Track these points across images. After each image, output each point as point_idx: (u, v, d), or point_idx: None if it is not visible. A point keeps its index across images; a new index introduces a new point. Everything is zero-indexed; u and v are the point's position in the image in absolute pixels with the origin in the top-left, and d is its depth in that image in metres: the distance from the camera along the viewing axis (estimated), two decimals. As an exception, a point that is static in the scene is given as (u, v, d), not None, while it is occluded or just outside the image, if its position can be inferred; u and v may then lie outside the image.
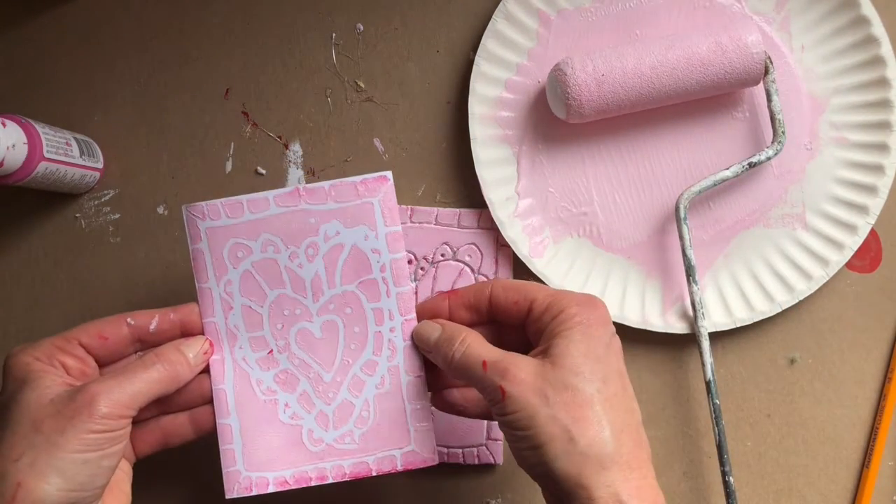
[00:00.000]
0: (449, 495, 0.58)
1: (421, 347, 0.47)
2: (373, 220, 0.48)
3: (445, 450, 0.57)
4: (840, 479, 0.58)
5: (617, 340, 0.44)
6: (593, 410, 0.40)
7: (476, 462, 0.57)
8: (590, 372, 0.41)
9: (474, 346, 0.44)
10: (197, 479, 0.58)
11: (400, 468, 0.48)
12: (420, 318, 0.48)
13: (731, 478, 0.55)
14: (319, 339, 0.48)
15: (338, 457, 0.48)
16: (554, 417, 0.40)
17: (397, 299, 0.48)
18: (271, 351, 0.48)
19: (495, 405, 0.42)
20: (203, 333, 0.48)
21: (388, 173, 0.48)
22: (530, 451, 0.41)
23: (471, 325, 0.47)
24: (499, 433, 0.57)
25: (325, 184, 0.47)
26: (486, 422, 0.57)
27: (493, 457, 0.57)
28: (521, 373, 0.41)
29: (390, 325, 0.48)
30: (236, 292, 0.48)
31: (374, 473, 0.48)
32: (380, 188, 0.48)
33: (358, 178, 0.48)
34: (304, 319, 0.48)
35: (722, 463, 0.55)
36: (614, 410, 0.41)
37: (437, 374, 0.48)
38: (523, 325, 0.45)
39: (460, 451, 0.57)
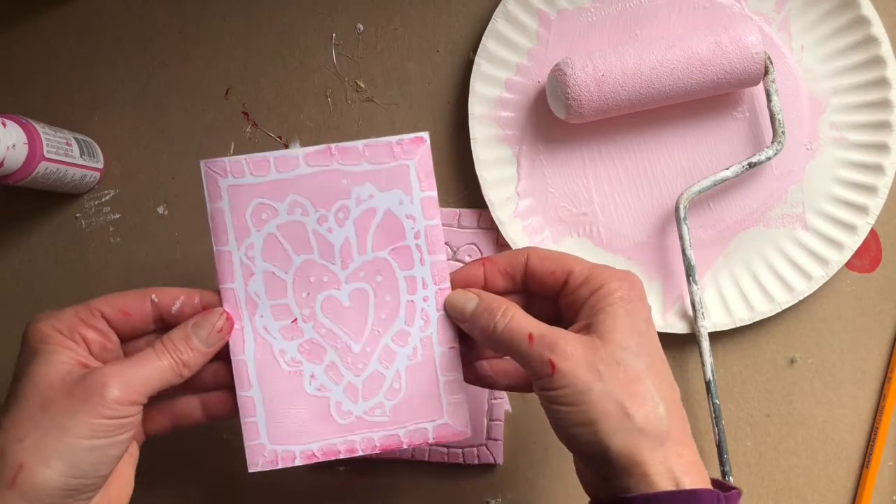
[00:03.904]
0: (449, 495, 0.58)
1: (454, 317, 0.46)
2: (408, 184, 0.45)
3: (445, 450, 0.57)
4: (840, 479, 0.58)
5: (652, 318, 0.43)
6: (645, 386, 0.40)
7: (476, 462, 0.57)
8: (637, 347, 0.41)
9: (518, 317, 0.43)
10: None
11: (432, 441, 0.47)
12: (455, 286, 0.46)
13: (731, 478, 0.55)
14: (348, 308, 0.46)
15: (368, 429, 0.46)
16: (608, 393, 0.39)
17: (431, 267, 0.46)
18: (295, 320, 0.46)
19: (541, 379, 0.41)
20: (221, 305, 0.45)
21: (425, 134, 0.46)
22: (581, 429, 0.40)
23: (505, 292, 0.46)
24: (499, 433, 0.57)
25: (359, 143, 0.45)
26: (486, 421, 0.57)
27: (493, 457, 0.57)
28: (570, 347, 0.40)
29: (423, 294, 0.46)
30: (258, 257, 0.45)
31: (405, 446, 0.46)
32: (416, 150, 0.46)
33: (394, 139, 0.45)
34: (332, 287, 0.46)
35: (722, 463, 0.55)
36: (663, 385, 0.41)
37: (465, 346, 0.47)
38: (556, 296, 0.45)
39: (460, 451, 0.57)
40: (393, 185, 0.45)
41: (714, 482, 0.41)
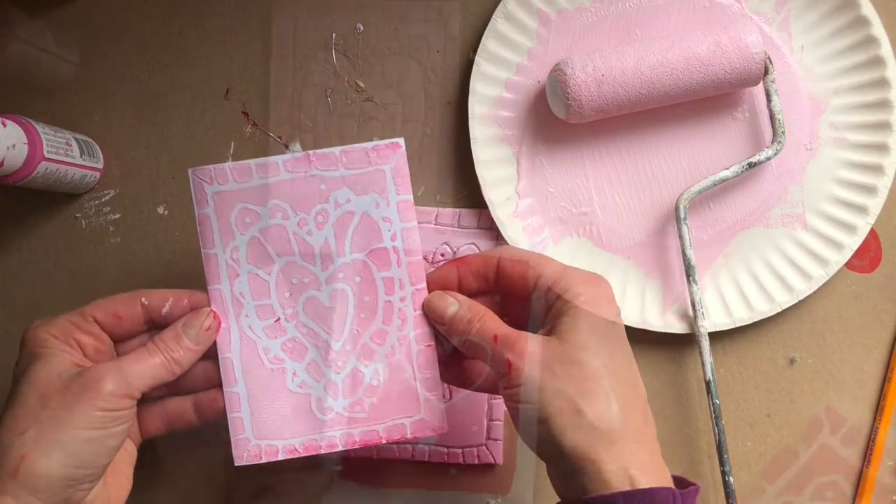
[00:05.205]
0: (449, 495, 0.58)
1: (433, 320, 0.47)
2: (384, 188, 0.47)
3: (445, 450, 0.57)
4: (840, 479, 0.58)
5: (621, 320, 0.44)
6: (600, 384, 0.41)
7: (476, 462, 0.57)
8: (596, 347, 0.42)
9: (488, 321, 0.44)
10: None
11: (409, 436, 0.48)
12: (430, 287, 0.48)
13: (731, 478, 0.55)
14: (328, 309, 0.47)
15: (347, 425, 0.48)
16: (560, 391, 0.40)
17: (408, 268, 0.47)
18: (278, 319, 0.48)
19: (502, 378, 0.42)
20: (209, 305, 0.47)
21: (401, 140, 0.47)
22: (538, 426, 0.41)
23: (479, 293, 0.47)
24: (499, 433, 0.57)
25: (336, 150, 0.47)
26: (486, 421, 0.57)
27: (493, 457, 0.57)
28: (529, 347, 0.42)
29: (401, 294, 0.47)
30: (243, 259, 0.47)
31: (383, 441, 0.48)
32: (391, 155, 0.47)
33: (370, 145, 0.47)
34: (313, 288, 0.47)
35: (722, 463, 0.55)
36: (621, 385, 0.41)
37: (442, 345, 0.48)
38: (528, 297, 0.45)
39: (460, 451, 0.57)
40: (369, 189, 0.47)
41: (675, 479, 0.42)
